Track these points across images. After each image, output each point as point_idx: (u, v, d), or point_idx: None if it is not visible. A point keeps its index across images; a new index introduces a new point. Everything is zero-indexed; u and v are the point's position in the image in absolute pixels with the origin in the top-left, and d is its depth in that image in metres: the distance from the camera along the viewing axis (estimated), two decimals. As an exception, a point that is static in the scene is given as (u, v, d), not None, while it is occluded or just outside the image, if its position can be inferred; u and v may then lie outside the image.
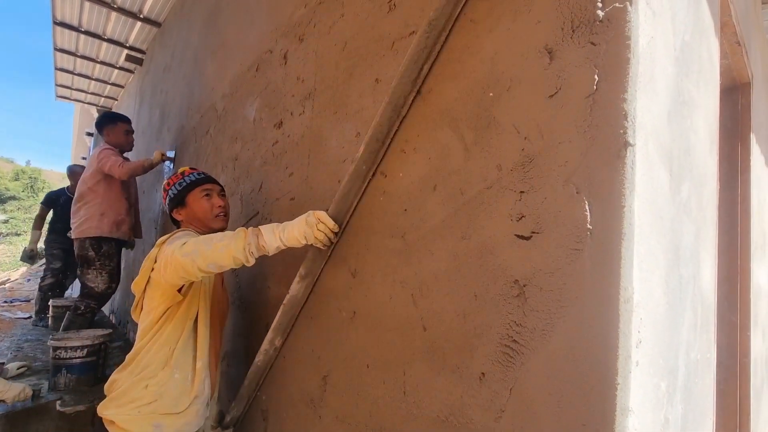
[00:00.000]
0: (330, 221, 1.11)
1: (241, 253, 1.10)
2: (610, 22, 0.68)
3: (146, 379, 1.27)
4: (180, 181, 1.45)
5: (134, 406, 1.25)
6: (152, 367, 1.28)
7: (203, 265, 1.12)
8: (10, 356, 3.55)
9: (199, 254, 1.11)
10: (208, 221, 1.43)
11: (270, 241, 1.12)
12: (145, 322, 1.31)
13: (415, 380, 0.93)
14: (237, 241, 1.11)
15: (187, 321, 1.33)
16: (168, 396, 1.27)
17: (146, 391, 1.26)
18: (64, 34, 4.39)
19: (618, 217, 0.64)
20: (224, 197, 1.50)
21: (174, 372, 1.29)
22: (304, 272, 1.26)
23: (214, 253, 1.11)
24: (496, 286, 0.79)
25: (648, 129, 0.69)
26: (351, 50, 1.28)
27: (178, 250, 1.14)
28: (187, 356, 1.33)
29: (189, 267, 1.12)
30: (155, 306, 1.29)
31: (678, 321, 0.83)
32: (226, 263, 1.12)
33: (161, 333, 1.30)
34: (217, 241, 1.13)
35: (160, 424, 1.25)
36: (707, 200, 1.07)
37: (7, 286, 9.21)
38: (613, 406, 0.62)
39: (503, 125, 0.81)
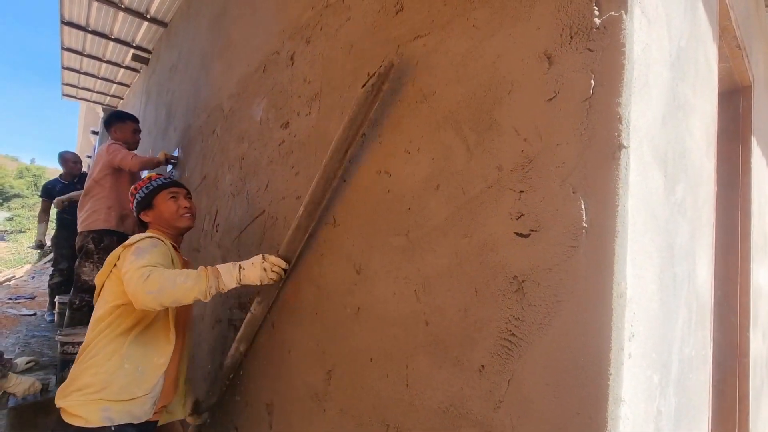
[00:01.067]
0: (282, 263, 1.33)
1: (203, 294, 1.25)
2: (606, 29, 0.71)
3: (94, 366, 1.31)
4: (147, 185, 1.56)
5: (81, 393, 1.28)
6: (101, 356, 1.32)
7: (166, 302, 1.22)
8: (18, 351, 3.61)
9: (163, 293, 1.20)
10: (174, 221, 1.53)
11: (228, 284, 1.28)
12: (99, 313, 1.36)
13: (418, 373, 0.97)
14: (200, 284, 1.24)
15: (144, 317, 1.38)
16: (116, 384, 1.30)
17: (94, 378, 1.29)
18: (72, 33, 4.45)
19: (612, 216, 0.67)
20: (190, 199, 1.61)
21: (124, 362, 1.32)
22: (260, 299, 1.49)
23: (177, 293, 1.22)
24: (496, 282, 0.82)
25: (642, 132, 0.72)
26: (357, 52, 1.31)
27: (141, 285, 1.20)
28: (141, 350, 1.37)
29: (150, 303, 1.21)
30: (111, 299, 1.35)
31: (672, 317, 0.86)
32: (186, 301, 1.25)
33: (115, 324, 1.34)
34: (181, 282, 1.23)
35: (108, 407, 1.29)
36: (703, 201, 1.10)
37: (11, 283, 9.29)
38: (605, 396, 0.65)
39: (504, 127, 0.85)
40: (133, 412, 1.33)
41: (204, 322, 2.23)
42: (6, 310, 6.10)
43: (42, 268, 11.61)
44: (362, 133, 1.22)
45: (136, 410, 1.34)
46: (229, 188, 2.13)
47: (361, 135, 1.22)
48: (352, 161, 1.27)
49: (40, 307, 6.47)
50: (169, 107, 3.64)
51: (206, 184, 2.44)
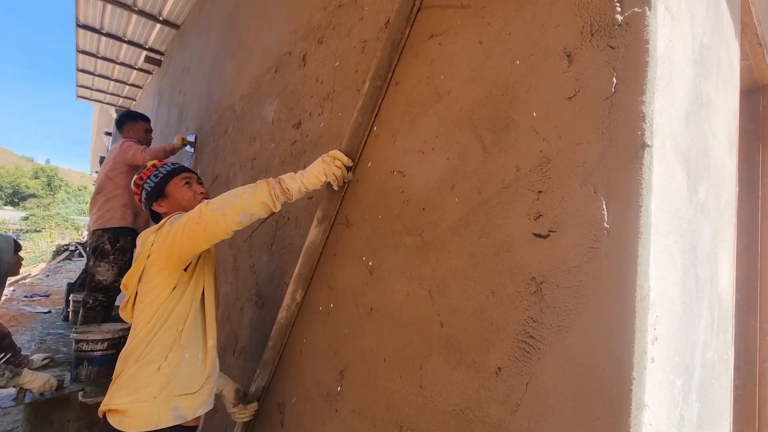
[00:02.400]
0: (344, 157, 1.21)
1: (268, 198, 1.15)
2: (628, 26, 0.69)
3: (155, 361, 1.22)
4: (155, 173, 1.43)
5: (149, 391, 1.19)
6: (159, 349, 1.23)
7: (235, 217, 1.14)
8: (34, 348, 3.68)
9: (228, 206, 1.13)
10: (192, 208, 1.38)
11: (292, 186, 1.18)
12: (148, 311, 1.26)
13: (432, 374, 0.96)
14: (262, 188, 1.15)
15: (193, 301, 1.31)
16: (181, 376, 1.23)
17: (159, 373, 1.20)
18: (87, 36, 4.52)
19: (635, 217, 0.66)
20: (202, 184, 1.51)
21: (184, 352, 1.25)
22: (321, 215, 1.30)
23: (243, 203, 1.13)
24: (514, 283, 0.81)
25: (666, 130, 0.70)
26: (370, 52, 1.31)
27: (204, 208, 1.13)
28: (196, 336, 1.30)
29: (220, 221, 1.13)
30: (158, 293, 1.26)
31: (694, 320, 0.84)
32: (256, 210, 1.15)
33: (167, 316, 1.26)
34: (242, 191, 1.15)
35: (177, 405, 1.21)
36: (725, 201, 1.08)
37: (27, 281, 9.49)
38: (628, 401, 0.63)
39: (522, 126, 0.83)
40: (205, 401, 1.28)
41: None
42: (22, 307, 6.23)
43: (56, 267, 11.83)
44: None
45: (205, 398, 1.29)
46: (240, 188, 2.14)
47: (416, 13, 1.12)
48: (367, 161, 1.26)
49: (55, 304, 6.60)
50: (181, 108, 3.68)
51: (218, 184, 2.46)
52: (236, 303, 2.01)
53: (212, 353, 1.32)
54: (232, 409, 1.49)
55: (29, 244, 17.62)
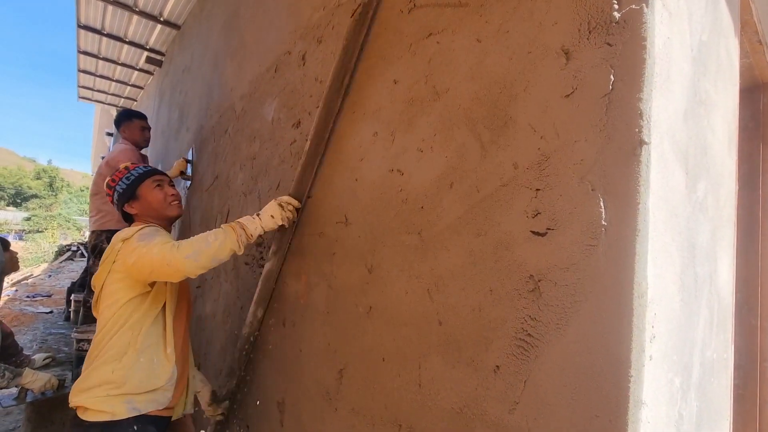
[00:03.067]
0: (295, 201, 1.44)
1: (236, 245, 1.29)
2: (626, 23, 0.69)
3: (110, 363, 1.30)
4: (127, 176, 1.50)
5: (102, 389, 1.28)
6: (115, 352, 1.31)
7: (207, 263, 1.25)
8: (36, 348, 3.69)
9: (200, 254, 1.23)
10: (163, 210, 1.50)
11: (254, 232, 1.34)
12: (106, 314, 1.35)
13: (430, 373, 0.96)
14: (230, 238, 1.28)
15: (152, 311, 1.38)
16: (135, 378, 1.31)
17: (113, 375, 1.29)
18: (88, 36, 4.53)
19: (633, 214, 0.65)
20: (174, 186, 1.59)
21: (139, 356, 1.33)
22: (275, 248, 1.50)
23: (214, 251, 1.25)
24: (512, 281, 0.81)
25: (663, 128, 0.70)
26: (369, 51, 1.31)
27: (175, 253, 1.21)
28: (153, 342, 1.37)
29: (190, 268, 1.23)
30: (119, 298, 1.34)
31: (693, 319, 0.84)
32: (224, 256, 1.28)
33: (125, 321, 1.34)
34: (212, 240, 1.26)
35: (131, 400, 1.30)
36: (725, 199, 1.07)
37: (29, 281, 9.51)
38: (626, 399, 0.63)
39: (519, 124, 0.83)
40: (158, 400, 1.36)
41: (216, 320, 2.25)
42: (24, 307, 6.25)
43: (58, 267, 11.86)
44: (354, 65, 1.32)
45: (159, 398, 1.36)
46: (240, 188, 2.14)
47: (353, 66, 1.32)
48: (362, 160, 1.26)
49: (57, 304, 6.61)
50: (182, 108, 3.69)
51: (218, 183, 2.47)
52: (236, 302, 2.01)
53: (171, 359, 1.41)
54: (206, 407, 1.65)
55: (31, 244, 17.67)
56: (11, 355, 2.49)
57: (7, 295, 7.16)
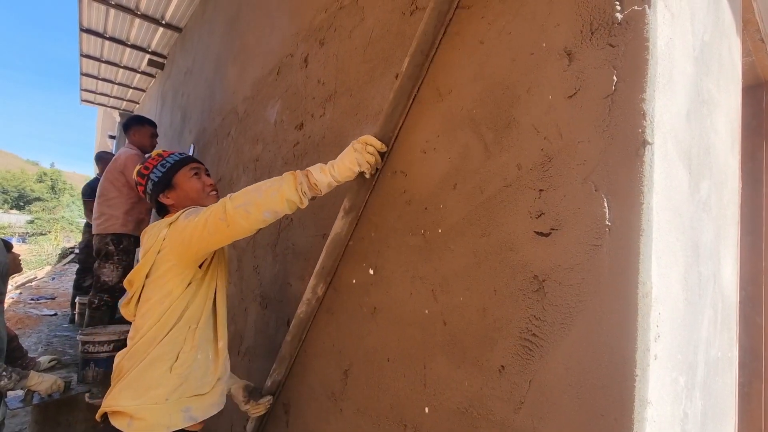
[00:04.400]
0: (377, 141, 1.10)
1: (294, 194, 1.06)
2: (628, 24, 0.69)
3: (166, 362, 1.17)
4: (163, 162, 1.35)
5: (160, 392, 1.14)
6: (170, 349, 1.18)
7: (259, 215, 1.07)
8: (41, 350, 3.71)
9: (252, 203, 1.06)
10: (201, 200, 1.35)
11: (321, 180, 1.08)
12: (158, 309, 1.20)
13: (436, 373, 0.96)
14: (288, 183, 1.07)
15: (207, 300, 1.27)
16: (193, 377, 1.20)
17: (171, 374, 1.16)
18: (90, 40, 4.56)
19: (636, 214, 0.66)
20: (210, 176, 1.45)
21: (197, 352, 1.22)
22: (348, 205, 1.21)
23: (268, 200, 1.06)
24: (516, 281, 0.81)
25: (666, 128, 0.70)
26: (371, 53, 1.31)
27: (228, 204, 1.07)
28: (208, 336, 1.27)
29: (244, 219, 1.06)
30: (170, 290, 1.20)
31: (697, 318, 0.84)
32: (281, 208, 1.07)
33: (180, 314, 1.21)
34: (266, 187, 1.08)
35: (189, 407, 1.18)
36: (728, 199, 1.07)
37: (33, 284, 9.55)
38: (631, 398, 0.63)
39: (523, 125, 0.84)
40: (215, 402, 1.27)
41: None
42: (28, 310, 6.28)
43: (62, 269, 11.91)
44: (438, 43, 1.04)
45: (216, 399, 1.27)
46: (244, 190, 2.15)
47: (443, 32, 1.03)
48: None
49: (61, 307, 6.64)
50: (184, 111, 3.71)
51: (221, 186, 2.48)
52: (241, 304, 2.02)
53: (223, 354, 1.30)
54: (244, 407, 1.45)
55: (35, 247, 17.73)
56: (16, 358, 2.50)
57: (11, 298, 7.19)
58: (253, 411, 1.44)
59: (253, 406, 1.43)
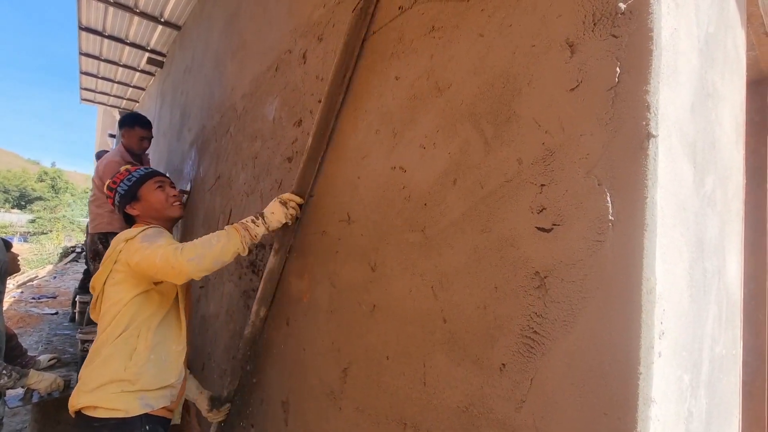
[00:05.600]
0: (298, 198, 1.40)
1: (240, 247, 1.28)
2: (632, 14, 0.68)
3: (120, 361, 1.30)
4: (129, 177, 1.51)
5: (116, 386, 1.28)
6: (123, 350, 1.31)
7: (209, 266, 1.24)
8: (41, 349, 3.71)
9: (203, 258, 1.22)
10: (165, 211, 1.52)
11: (259, 233, 1.31)
12: (110, 312, 1.34)
13: (435, 371, 0.95)
14: (234, 240, 1.26)
15: (163, 307, 1.40)
16: (147, 375, 1.32)
17: (125, 373, 1.29)
18: (89, 38, 4.54)
19: (640, 209, 0.64)
20: (174, 188, 1.60)
21: (150, 353, 1.34)
22: (277, 246, 1.46)
23: (216, 254, 1.24)
24: (517, 278, 0.80)
25: (671, 121, 0.69)
26: (369, 48, 1.30)
27: (179, 256, 1.21)
28: (162, 340, 1.39)
29: (193, 271, 1.22)
30: (122, 297, 1.34)
31: (702, 314, 0.83)
32: (227, 259, 1.27)
33: (132, 319, 1.34)
34: (215, 242, 1.25)
35: (144, 396, 1.32)
36: (733, 194, 1.06)
37: (34, 283, 9.56)
38: (635, 396, 0.62)
39: (524, 119, 0.82)
40: (168, 396, 1.39)
41: (219, 320, 2.25)
42: (29, 309, 6.28)
43: (63, 268, 11.92)
44: (356, 59, 1.29)
45: (168, 393, 1.39)
46: (242, 187, 2.14)
47: (354, 63, 1.29)
48: (365, 158, 1.25)
49: (62, 306, 6.65)
50: (183, 109, 3.69)
51: (220, 183, 2.46)
52: (239, 301, 2.01)
53: (179, 358, 1.43)
54: (207, 414, 1.66)
55: (36, 246, 17.77)
56: (16, 356, 2.50)
57: (12, 297, 7.20)
58: (214, 418, 1.67)
59: (214, 413, 1.66)
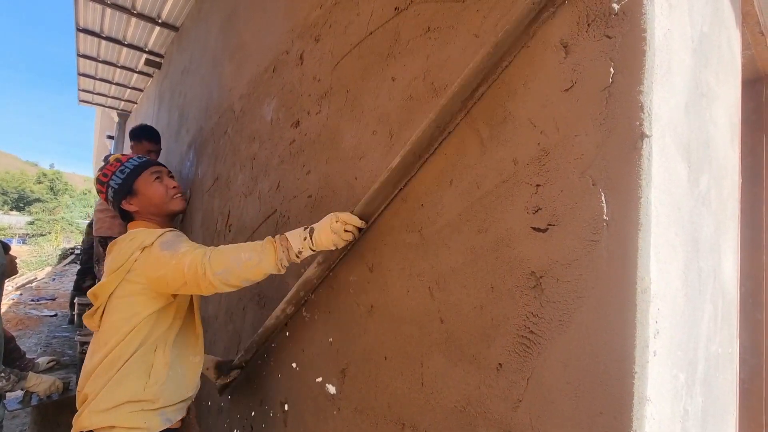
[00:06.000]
0: (357, 221, 1.10)
1: (273, 268, 1.11)
2: (625, 15, 0.68)
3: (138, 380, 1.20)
4: (121, 168, 1.31)
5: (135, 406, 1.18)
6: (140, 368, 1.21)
7: (236, 283, 1.12)
8: (40, 351, 3.71)
9: (230, 274, 1.10)
10: (165, 205, 1.34)
11: (302, 251, 1.11)
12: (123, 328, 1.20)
13: (433, 371, 0.95)
14: (268, 257, 1.10)
15: (178, 320, 1.30)
16: (168, 391, 1.25)
17: (144, 393, 1.19)
18: (87, 40, 4.54)
19: (635, 208, 0.65)
20: (173, 178, 1.41)
21: (169, 369, 1.25)
22: (321, 259, 1.27)
23: (246, 272, 1.10)
24: (513, 278, 0.80)
25: (665, 121, 0.69)
26: (366, 49, 1.30)
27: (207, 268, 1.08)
28: (180, 352, 1.30)
29: (220, 286, 1.11)
30: (139, 311, 1.21)
31: (697, 313, 0.83)
32: (257, 279, 1.14)
33: (149, 335, 1.23)
34: (246, 258, 1.10)
35: (164, 412, 1.26)
36: (728, 193, 1.06)
37: (33, 285, 9.55)
38: (630, 395, 0.62)
39: (519, 120, 0.82)
40: (185, 408, 1.37)
41: (218, 321, 2.25)
42: (28, 311, 6.27)
43: (62, 270, 11.90)
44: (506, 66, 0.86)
45: (185, 406, 1.37)
46: (241, 188, 2.14)
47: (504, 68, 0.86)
48: (361, 159, 1.25)
49: (61, 308, 6.64)
50: (181, 110, 3.69)
51: (218, 185, 2.46)
52: (238, 303, 2.01)
53: (197, 369, 1.37)
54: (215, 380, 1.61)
55: (35, 248, 17.73)
56: (14, 359, 2.49)
57: (11, 299, 7.19)
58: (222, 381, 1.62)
59: (222, 379, 1.60)
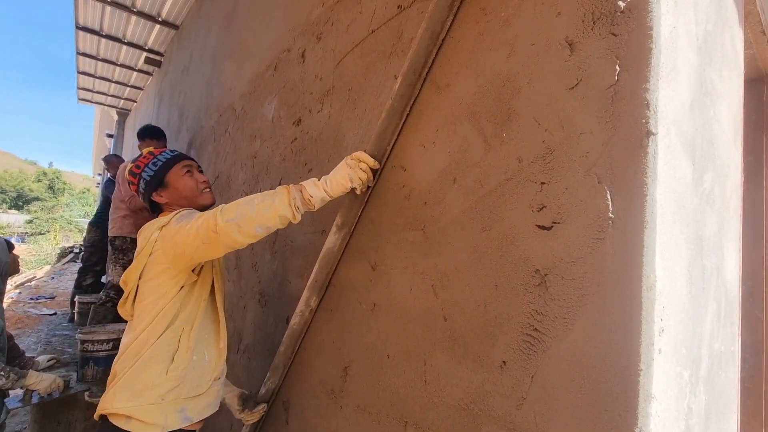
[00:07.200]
0: (370, 159, 1.10)
1: (287, 209, 1.06)
2: (631, 12, 0.68)
3: (161, 363, 1.17)
4: (154, 161, 1.34)
5: (156, 393, 1.15)
6: (165, 351, 1.19)
7: (250, 230, 1.06)
8: (40, 350, 3.70)
9: (243, 218, 1.05)
10: (195, 198, 1.35)
11: (315, 194, 1.08)
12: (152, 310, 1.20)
13: (436, 369, 0.95)
14: (281, 198, 1.06)
15: (201, 301, 1.27)
16: (190, 378, 1.20)
17: (166, 376, 1.17)
18: (86, 38, 4.53)
19: (640, 206, 0.65)
20: (203, 172, 1.43)
21: (192, 354, 1.22)
22: (340, 222, 1.20)
23: (260, 215, 1.05)
24: (517, 276, 0.80)
25: (670, 118, 0.69)
26: (368, 47, 1.30)
27: (219, 217, 1.05)
28: (206, 337, 1.27)
29: (234, 234, 1.06)
30: (163, 293, 1.20)
31: (701, 311, 0.83)
32: (272, 224, 1.07)
33: (174, 316, 1.21)
34: (258, 202, 1.06)
35: (184, 407, 1.19)
36: (731, 191, 1.06)
37: (32, 283, 9.53)
38: (635, 393, 0.62)
39: (523, 118, 0.82)
40: (211, 403, 1.28)
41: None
42: (28, 309, 6.26)
43: (61, 269, 11.89)
44: None
45: (211, 400, 1.28)
46: (242, 187, 2.14)
47: None
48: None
49: (61, 306, 6.62)
50: (181, 108, 3.68)
51: (219, 183, 2.46)
52: (239, 301, 2.01)
53: (223, 355, 1.30)
54: (239, 415, 1.46)
55: (34, 247, 17.70)
56: (13, 357, 2.48)
57: (10, 298, 7.18)
58: (248, 419, 1.45)
59: (247, 414, 1.44)
